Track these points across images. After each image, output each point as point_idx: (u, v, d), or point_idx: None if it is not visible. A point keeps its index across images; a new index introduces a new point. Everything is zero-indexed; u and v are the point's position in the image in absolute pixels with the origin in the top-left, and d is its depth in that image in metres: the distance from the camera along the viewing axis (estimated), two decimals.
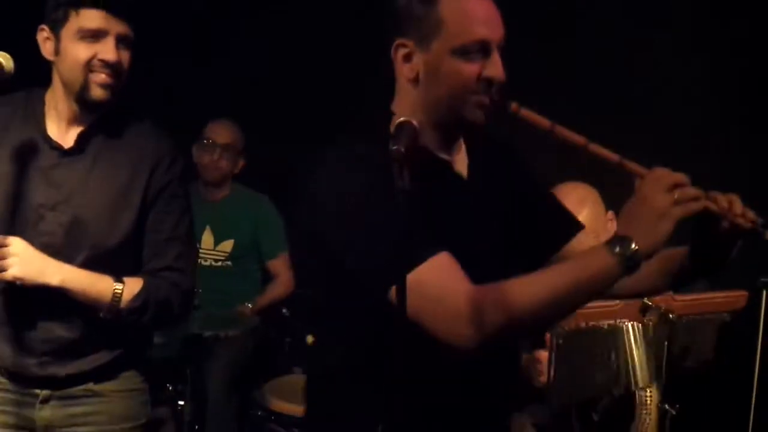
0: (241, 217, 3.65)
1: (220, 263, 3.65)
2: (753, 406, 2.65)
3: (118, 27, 2.07)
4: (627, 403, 2.68)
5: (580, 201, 2.78)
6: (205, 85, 4.45)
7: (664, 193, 1.50)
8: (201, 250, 3.58)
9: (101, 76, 2.05)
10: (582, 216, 2.66)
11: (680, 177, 1.54)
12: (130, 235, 2.18)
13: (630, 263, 1.49)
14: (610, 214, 2.91)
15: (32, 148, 2.18)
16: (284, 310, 3.65)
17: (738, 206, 1.61)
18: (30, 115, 2.19)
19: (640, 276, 1.62)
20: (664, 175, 1.53)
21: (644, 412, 2.64)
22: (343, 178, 1.70)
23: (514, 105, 1.64)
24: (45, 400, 2.22)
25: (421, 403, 1.57)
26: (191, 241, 2.34)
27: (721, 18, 3.46)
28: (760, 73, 3.36)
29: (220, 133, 3.71)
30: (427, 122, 1.71)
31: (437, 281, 1.57)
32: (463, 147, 1.80)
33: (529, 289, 1.53)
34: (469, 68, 1.63)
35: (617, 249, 1.48)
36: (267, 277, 3.82)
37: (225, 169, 3.69)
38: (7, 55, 1.96)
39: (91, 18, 2.04)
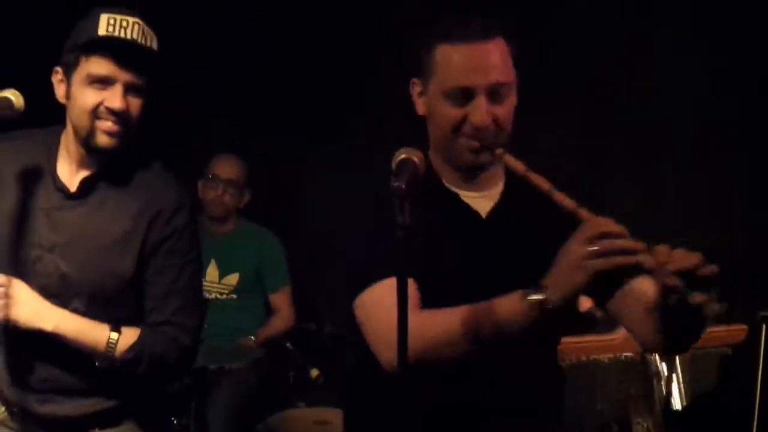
0: (246, 251, 3.65)
1: (224, 296, 3.66)
2: (756, 423, 2.69)
3: (126, 76, 2.05)
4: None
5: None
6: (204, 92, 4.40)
7: (584, 244, 1.45)
8: (206, 283, 3.55)
9: (107, 124, 2.05)
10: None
11: (611, 228, 1.46)
12: (128, 283, 2.16)
13: (538, 311, 1.48)
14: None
15: (40, 187, 2.18)
16: (288, 344, 3.63)
17: (677, 263, 1.42)
18: (45, 153, 2.19)
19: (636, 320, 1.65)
20: (593, 226, 1.48)
21: None
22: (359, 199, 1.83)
23: (499, 150, 1.65)
24: None
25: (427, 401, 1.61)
26: (194, 295, 2.29)
27: (722, 21, 3.45)
28: (759, 76, 3.34)
29: (224, 168, 3.72)
30: (440, 157, 1.80)
31: (380, 299, 1.64)
32: (500, 185, 1.80)
33: (443, 322, 1.56)
34: (454, 112, 1.68)
35: (528, 296, 1.49)
36: (270, 311, 3.80)
37: (229, 204, 3.68)
38: (17, 93, 1.96)
39: (100, 65, 2.04)
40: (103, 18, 2.05)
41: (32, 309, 2.04)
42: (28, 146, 2.21)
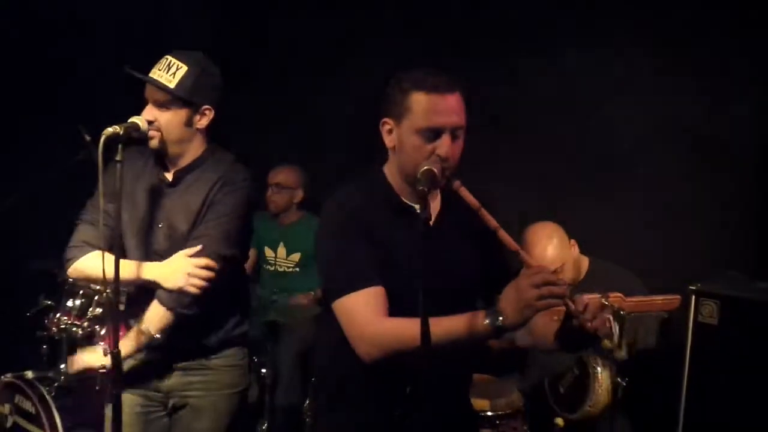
0: (306, 236, 3.75)
1: (290, 269, 4.02)
2: (686, 379, 2.76)
3: (155, 94, 2.32)
4: (585, 379, 2.85)
5: (549, 235, 3.03)
6: None
7: (533, 288, 1.59)
8: (277, 260, 3.98)
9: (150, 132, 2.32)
10: (552, 244, 3.02)
11: (552, 278, 1.63)
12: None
13: (497, 331, 1.64)
14: (573, 241, 3.11)
15: (154, 182, 2.45)
16: None
17: (590, 312, 1.67)
18: (155, 161, 2.45)
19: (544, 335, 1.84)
20: (539, 273, 1.62)
21: (597, 385, 2.80)
22: (328, 219, 1.92)
23: (456, 183, 1.76)
24: (170, 371, 2.44)
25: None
26: (224, 232, 2.38)
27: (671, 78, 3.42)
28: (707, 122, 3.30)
29: (275, 176, 4.03)
30: (402, 179, 1.89)
31: (357, 308, 1.76)
32: (438, 200, 1.91)
33: (415, 331, 1.58)
34: (425, 146, 1.79)
35: (489, 320, 1.64)
36: None
37: (279, 202, 4.02)
38: (142, 119, 2.27)
39: (147, 90, 2.34)
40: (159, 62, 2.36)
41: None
42: (146, 158, 2.47)
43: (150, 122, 2.33)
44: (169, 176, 2.45)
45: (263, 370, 3.66)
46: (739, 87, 3.29)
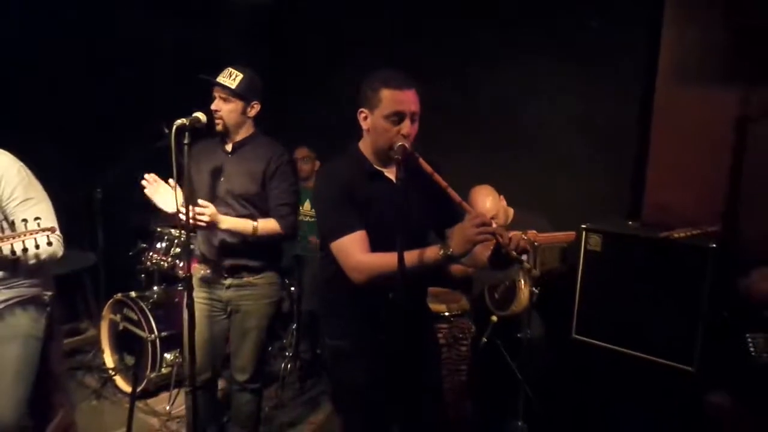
0: None
1: (311, 219, 3.85)
2: (578, 289, 2.80)
3: (221, 92, 2.38)
4: (514, 288, 2.88)
5: (487, 194, 3.02)
6: None
7: (473, 228, 1.61)
8: (304, 211, 3.87)
9: (215, 121, 2.38)
10: (489, 200, 3.00)
11: (487, 220, 1.62)
12: (258, 193, 2.41)
13: (448, 258, 1.66)
14: (502, 197, 3.09)
15: (218, 154, 2.47)
16: None
17: (514, 243, 1.64)
18: (219, 141, 2.47)
19: (481, 259, 1.80)
20: (477, 217, 1.63)
21: (520, 292, 2.84)
22: (321, 184, 1.88)
23: (417, 155, 1.74)
24: (228, 287, 2.47)
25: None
26: (292, 201, 2.44)
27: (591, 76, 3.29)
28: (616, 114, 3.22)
29: (301, 152, 3.92)
30: (373, 153, 1.87)
31: (348, 247, 1.76)
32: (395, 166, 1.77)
33: (391, 261, 1.62)
34: (392, 128, 1.77)
35: (442, 251, 1.66)
36: None
37: (307, 170, 3.89)
38: (203, 113, 2.28)
39: (216, 89, 2.38)
40: (223, 72, 2.39)
41: (215, 218, 2.30)
42: (213, 141, 2.50)
43: (215, 111, 2.38)
44: (229, 148, 2.48)
45: (293, 288, 3.70)
46: (613, 85, 3.25)
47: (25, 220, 1.91)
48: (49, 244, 1.93)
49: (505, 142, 3.57)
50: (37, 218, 1.93)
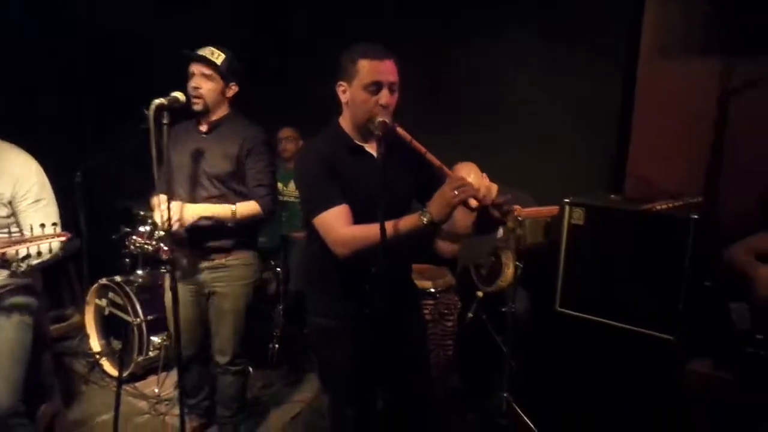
0: None
1: (295, 199, 3.85)
2: (562, 262, 2.81)
3: (204, 69, 2.33)
4: (499, 263, 2.90)
5: (469, 170, 2.94)
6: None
7: (452, 190, 1.60)
8: (287, 191, 3.89)
9: (193, 100, 2.33)
10: (471, 175, 2.85)
11: (464, 181, 1.61)
12: (232, 173, 2.38)
13: (429, 225, 1.63)
14: (485, 174, 3.02)
15: (194, 134, 2.44)
16: None
17: (490, 200, 1.64)
18: (195, 122, 2.43)
19: (463, 226, 1.83)
20: (455, 180, 1.61)
21: (506, 267, 2.85)
22: (302, 160, 1.87)
23: (395, 124, 1.70)
24: (203, 270, 2.46)
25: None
26: (269, 182, 2.42)
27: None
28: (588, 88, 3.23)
29: (284, 132, 3.92)
30: (354, 127, 1.85)
31: (331, 222, 1.74)
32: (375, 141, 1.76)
33: (374, 232, 1.60)
34: (370, 98, 1.75)
35: (423, 217, 1.63)
36: None
37: (291, 149, 3.88)
38: (182, 93, 2.22)
39: (196, 66, 2.32)
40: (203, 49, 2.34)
41: (189, 213, 2.31)
42: (186, 123, 2.46)
43: (195, 89, 2.33)
44: (204, 128, 2.45)
45: (278, 269, 3.68)
46: (596, 59, 3.25)
47: (42, 225, 1.91)
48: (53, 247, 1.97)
49: (488, 118, 3.56)
50: (54, 223, 1.96)
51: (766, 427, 2.02)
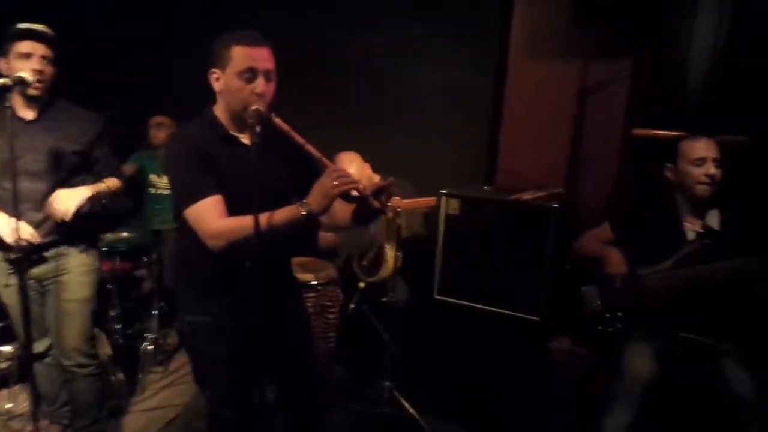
0: None
1: (168, 191, 3.78)
2: (440, 250, 2.91)
3: (41, 50, 2.10)
4: (380, 254, 2.94)
5: (351, 160, 2.98)
6: None
7: (331, 181, 1.58)
8: (159, 183, 3.71)
9: (34, 84, 2.09)
10: (353, 167, 2.92)
11: (343, 172, 1.60)
12: (81, 162, 2.26)
13: (307, 216, 1.60)
14: (367, 164, 3.00)
15: (17, 123, 2.13)
16: None
17: (370, 191, 1.65)
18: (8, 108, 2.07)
19: (343, 218, 1.80)
20: (334, 170, 1.60)
21: (387, 258, 2.87)
22: (173, 148, 1.79)
23: (272, 114, 1.66)
24: (37, 263, 2.27)
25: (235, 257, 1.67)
26: (117, 165, 2.39)
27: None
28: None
29: (156, 118, 3.78)
30: (229, 117, 1.77)
31: (203, 213, 1.66)
32: (257, 129, 1.61)
33: (250, 224, 1.54)
34: (246, 86, 1.68)
35: (301, 209, 1.61)
36: None
37: (162, 136, 3.73)
38: (29, 73, 2.02)
39: (24, 45, 2.09)
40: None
41: (73, 199, 2.14)
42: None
43: (39, 72, 2.10)
44: (30, 116, 2.21)
45: (151, 266, 3.49)
46: (472, 56, 3.37)
47: None
48: None
49: (371, 109, 3.59)
50: None
51: (614, 389, 2.21)
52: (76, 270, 2.34)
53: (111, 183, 2.31)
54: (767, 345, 2.23)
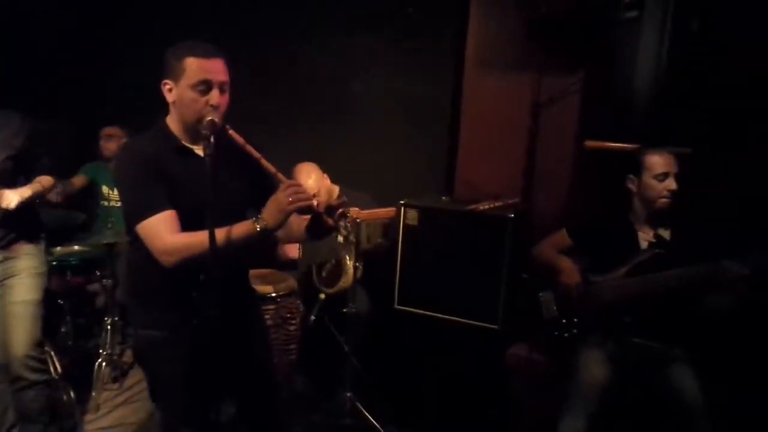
0: None
1: (119, 204, 3.75)
2: (399, 260, 2.92)
3: None
4: (340, 265, 2.95)
5: (310, 171, 3.05)
6: None
7: (286, 197, 1.57)
8: (111, 196, 3.65)
9: None
10: (311, 178, 3.03)
11: (299, 189, 1.59)
12: (14, 167, 2.28)
13: (262, 232, 1.59)
14: (326, 175, 3.15)
15: None
16: None
17: (324, 206, 1.65)
18: None
19: (299, 232, 1.80)
20: (290, 186, 1.59)
21: (347, 268, 2.90)
22: (124, 161, 1.75)
23: (227, 127, 1.65)
24: None
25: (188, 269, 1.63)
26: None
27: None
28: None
29: (106, 130, 3.71)
30: (182, 128, 1.75)
31: (156, 228, 1.63)
32: (211, 140, 1.60)
33: (203, 240, 1.54)
34: (200, 98, 1.66)
35: (256, 224, 1.59)
36: None
37: (112, 148, 3.65)
38: None
39: None
40: None
41: (14, 197, 2.18)
42: None
43: None
44: None
45: (105, 281, 3.35)
46: (429, 69, 3.42)
47: None
48: None
49: (330, 120, 3.58)
50: None
51: (568, 393, 2.24)
52: (24, 272, 2.33)
53: (45, 181, 2.32)
54: (717, 351, 2.32)
